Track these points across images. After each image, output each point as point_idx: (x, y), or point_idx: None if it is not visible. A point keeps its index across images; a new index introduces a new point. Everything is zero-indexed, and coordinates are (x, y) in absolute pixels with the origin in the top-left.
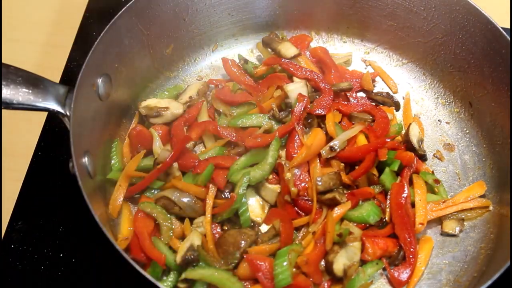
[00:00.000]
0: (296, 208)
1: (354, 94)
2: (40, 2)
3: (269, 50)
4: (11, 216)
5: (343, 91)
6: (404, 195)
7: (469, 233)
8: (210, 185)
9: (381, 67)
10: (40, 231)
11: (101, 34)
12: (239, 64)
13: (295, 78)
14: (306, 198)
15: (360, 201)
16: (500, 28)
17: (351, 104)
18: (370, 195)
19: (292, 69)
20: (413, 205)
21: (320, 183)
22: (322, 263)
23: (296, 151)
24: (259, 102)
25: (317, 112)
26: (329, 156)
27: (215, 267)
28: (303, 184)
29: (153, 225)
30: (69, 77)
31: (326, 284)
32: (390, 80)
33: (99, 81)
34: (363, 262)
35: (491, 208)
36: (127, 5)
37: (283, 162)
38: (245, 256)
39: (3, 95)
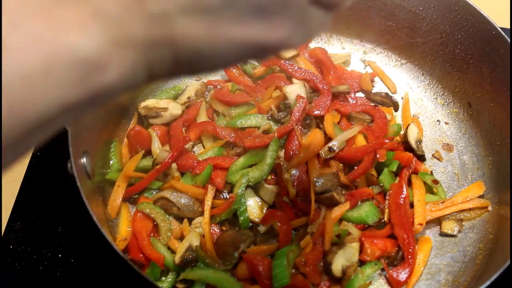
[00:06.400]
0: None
1: (352, 95)
2: None
3: None
4: (9, 216)
5: (341, 93)
6: (403, 195)
7: (468, 234)
8: (209, 186)
9: (380, 67)
10: (38, 232)
11: None
12: (238, 64)
13: (294, 79)
14: (304, 199)
15: (359, 202)
16: (499, 28)
17: (350, 105)
18: (369, 196)
19: (290, 70)
20: (412, 205)
21: (318, 184)
22: (321, 263)
23: (295, 152)
24: (258, 102)
25: (315, 113)
26: (328, 156)
27: (214, 267)
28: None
29: (152, 226)
30: None
31: (324, 284)
32: (389, 81)
33: None
34: (361, 263)
35: (490, 208)
36: None
37: (281, 163)
38: (243, 257)
39: None
